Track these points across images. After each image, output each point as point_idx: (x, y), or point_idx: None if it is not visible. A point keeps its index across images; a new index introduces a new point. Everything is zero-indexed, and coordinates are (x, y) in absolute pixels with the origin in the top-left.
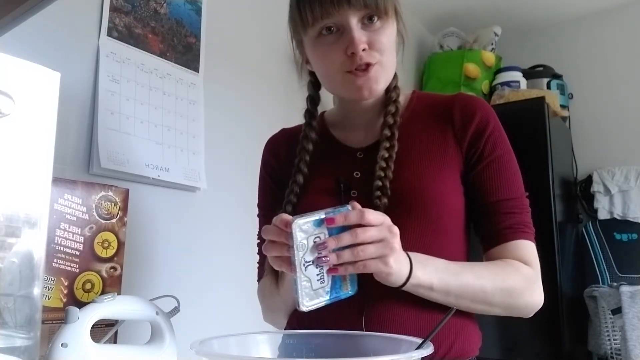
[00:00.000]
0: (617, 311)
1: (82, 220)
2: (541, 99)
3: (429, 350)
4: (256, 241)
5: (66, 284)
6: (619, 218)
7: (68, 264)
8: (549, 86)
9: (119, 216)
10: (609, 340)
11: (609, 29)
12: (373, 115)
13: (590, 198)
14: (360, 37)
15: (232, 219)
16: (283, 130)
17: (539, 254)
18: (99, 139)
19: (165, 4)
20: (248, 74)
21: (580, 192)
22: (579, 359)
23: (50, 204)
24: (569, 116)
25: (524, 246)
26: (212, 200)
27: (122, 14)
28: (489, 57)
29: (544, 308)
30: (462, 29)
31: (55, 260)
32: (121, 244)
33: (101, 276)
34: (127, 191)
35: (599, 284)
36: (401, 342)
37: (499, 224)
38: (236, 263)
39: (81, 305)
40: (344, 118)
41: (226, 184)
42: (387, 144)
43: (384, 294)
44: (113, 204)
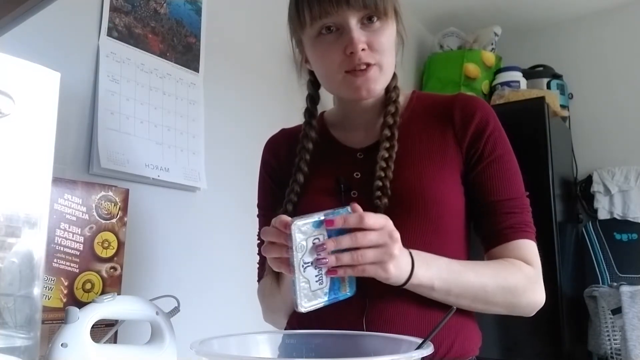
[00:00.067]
0: (617, 311)
1: (82, 220)
2: (541, 99)
3: (429, 350)
4: (256, 241)
5: (66, 284)
6: (619, 218)
7: (68, 264)
8: (549, 86)
9: (119, 216)
10: (609, 340)
11: (609, 29)
12: (373, 116)
13: (590, 198)
14: (360, 37)
15: (232, 219)
16: (283, 130)
17: (539, 254)
18: (99, 139)
19: (165, 4)
20: (248, 74)
21: (580, 192)
22: (579, 359)
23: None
24: (569, 116)
25: (525, 245)
26: (212, 200)
27: (122, 14)
28: (489, 57)
29: (544, 308)
30: (462, 29)
31: (55, 260)
32: (121, 244)
33: (101, 276)
34: (127, 191)
35: (599, 284)
36: (401, 342)
37: (499, 224)
38: (236, 263)
39: (81, 305)
40: (343, 118)
41: (226, 184)
42: (387, 144)
43: (384, 293)
44: (113, 204)
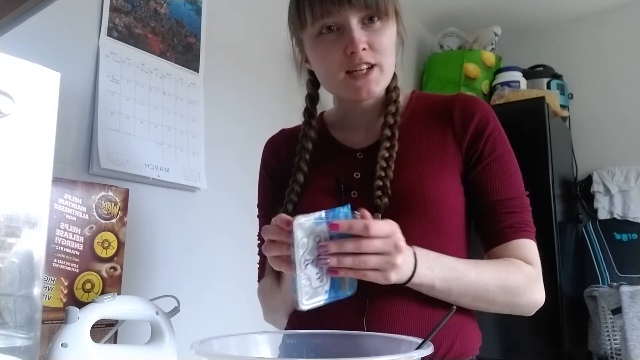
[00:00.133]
0: (617, 311)
1: (82, 220)
2: (541, 99)
3: (429, 350)
4: (256, 241)
5: (66, 284)
6: (619, 218)
7: (68, 264)
8: (549, 86)
9: (119, 216)
10: (609, 340)
11: (609, 29)
12: (373, 116)
13: (590, 198)
14: (360, 37)
15: (232, 219)
16: (282, 130)
17: (539, 254)
18: (99, 139)
19: (165, 4)
20: (248, 74)
21: (580, 192)
22: (579, 359)
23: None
24: (569, 116)
25: (525, 245)
26: (212, 200)
27: (122, 14)
28: (489, 57)
29: (544, 308)
30: (462, 29)
31: (55, 260)
32: (121, 244)
33: (101, 276)
34: (127, 191)
35: (599, 284)
36: (401, 342)
37: (499, 224)
38: (236, 263)
39: (81, 305)
40: (343, 118)
41: (226, 184)
42: (388, 144)
43: (384, 293)
44: (113, 204)
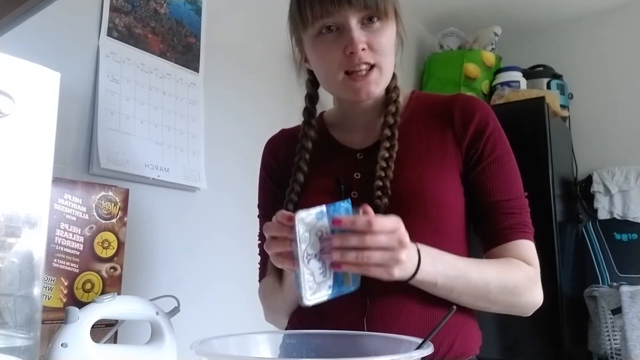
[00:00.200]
0: (617, 311)
1: (82, 220)
2: (541, 99)
3: (429, 350)
4: (257, 242)
5: (66, 284)
6: (619, 218)
7: (68, 264)
8: (549, 86)
9: (119, 216)
10: (609, 340)
11: (609, 29)
12: (373, 116)
13: (590, 198)
14: (360, 37)
15: (232, 219)
16: (282, 131)
17: (539, 254)
18: (99, 139)
19: (165, 4)
20: (248, 74)
21: (580, 192)
22: (579, 359)
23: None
24: (569, 116)
25: (524, 246)
26: (212, 200)
27: (122, 14)
28: (489, 57)
29: (544, 308)
30: (462, 29)
31: (55, 260)
32: (121, 244)
33: (101, 276)
34: (127, 191)
35: (599, 284)
36: (401, 342)
37: (499, 225)
38: (236, 263)
39: (81, 305)
40: (343, 119)
41: (226, 184)
42: (388, 144)
43: (385, 292)
44: (113, 204)
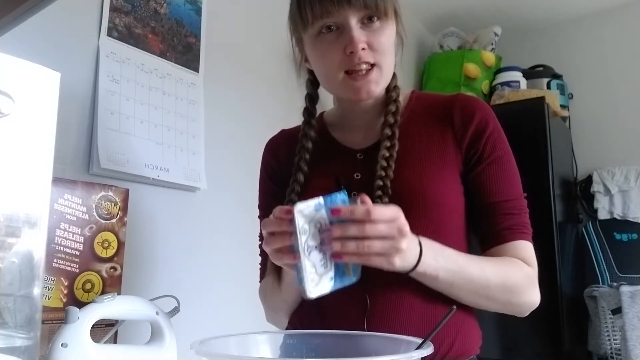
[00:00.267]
0: (617, 311)
1: (82, 220)
2: (541, 99)
3: (429, 350)
4: (257, 242)
5: (66, 284)
6: (619, 218)
7: (68, 264)
8: (549, 86)
9: (119, 216)
10: (609, 340)
11: (609, 29)
12: (373, 116)
13: (590, 198)
14: (360, 36)
15: (232, 219)
16: (282, 131)
17: (539, 254)
18: (99, 139)
19: (165, 4)
20: (248, 74)
21: (580, 192)
22: (579, 359)
23: (50, 204)
24: (569, 116)
25: (522, 247)
26: (212, 200)
27: (122, 14)
28: (489, 57)
29: (544, 308)
30: (462, 29)
31: (55, 260)
32: (121, 244)
33: (101, 276)
34: (127, 191)
35: (599, 284)
36: (401, 342)
37: (497, 225)
38: (236, 263)
39: (81, 305)
40: (343, 119)
41: (226, 184)
42: (388, 143)
43: (386, 291)
44: (113, 204)
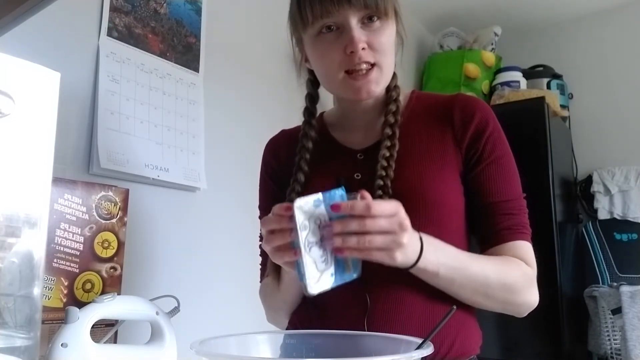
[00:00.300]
0: (617, 311)
1: (82, 220)
2: (541, 99)
3: (429, 350)
4: (258, 242)
5: (66, 284)
6: (619, 218)
7: (68, 264)
8: (549, 86)
9: (119, 216)
10: (609, 340)
11: (609, 29)
12: (373, 116)
13: (590, 198)
14: (360, 36)
15: (232, 219)
16: (283, 131)
17: (539, 254)
18: (99, 139)
19: (165, 4)
20: (248, 74)
21: (580, 192)
22: (579, 359)
23: (50, 204)
24: (569, 116)
25: (521, 247)
26: (212, 200)
27: (122, 14)
28: (489, 57)
29: (544, 308)
30: (462, 29)
31: (55, 260)
32: (121, 244)
33: (101, 276)
34: (127, 191)
35: (599, 284)
36: (401, 342)
37: (497, 225)
38: (236, 263)
39: (81, 305)
40: (343, 119)
41: (226, 184)
42: (389, 143)
43: (386, 292)
44: (113, 204)
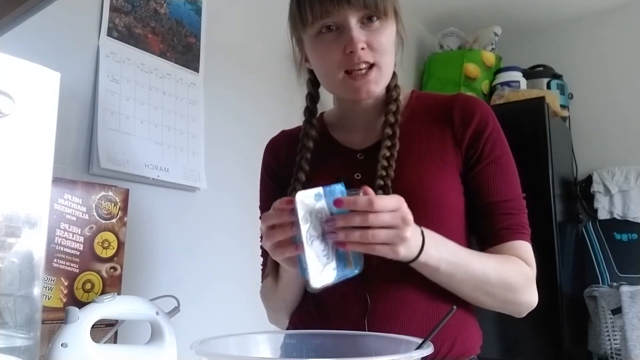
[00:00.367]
0: (617, 311)
1: (82, 220)
2: (541, 99)
3: (429, 350)
4: (259, 242)
5: (66, 284)
6: (619, 218)
7: (68, 264)
8: (549, 86)
9: (119, 216)
10: (609, 340)
11: (609, 29)
12: (373, 116)
13: (590, 198)
14: (359, 36)
15: (232, 219)
16: (283, 132)
17: (539, 254)
18: (99, 139)
19: (165, 4)
20: (248, 74)
21: (580, 192)
22: (579, 359)
23: (50, 204)
24: (569, 116)
25: (520, 247)
26: (212, 200)
27: (122, 14)
28: (489, 57)
29: (544, 308)
30: (462, 29)
31: (55, 260)
32: (121, 244)
33: (101, 276)
34: (127, 191)
35: (599, 284)
36: (401, 342)
37: (496, 225)
38: (236, 263)
39: (81, 305)
40: (343, 119)
41: (226, 184)
42: (389, 143)
43: (387, 291)
44: (113, 204)
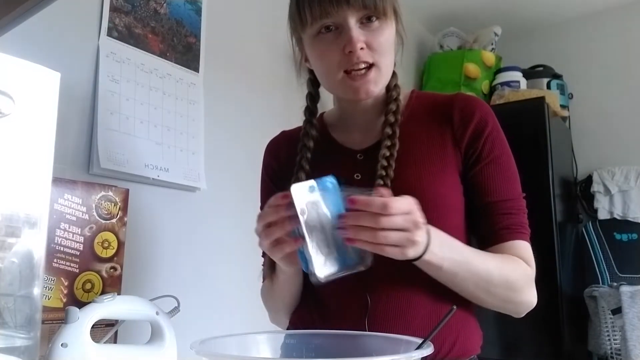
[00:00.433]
0: (617, 311)
1: (82, 220)
2: (541, 99)
3: (429, 350)
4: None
5: (66, 284)
6: (619, 218)
7: (68, 264)
8: (549, 86)
9: (119, 216)
10: (609, 340)
11: (609, 29)
12: (373, 116)
13: (590, 198)
14: (359, 36)
15: (232, 218)
16: (283, 132)
17: (539, 254)
18: (99, 139)
19: (165, 4)
20: (248, 73)
21: (580, 192)
22: (579, 359)
23: (50, 204)
24: (569, 116)
25: (520, 247)
26: (212, 200)
27: (122, 14)
28: (489, 57)
29: (544, 308)
30: (462, 29)
31: (55, 260)
32: (121, 244)
33: (101, 276)
34: (127, 191)
35: (599, 284)
36: (401, 342)
37: (496, 225)
38: (236, 263)
39: (81, 305)
40: (343, 119)
41: (226, 184)
42: (389, 142)
43: (387, 291)
44: (113, 204)
